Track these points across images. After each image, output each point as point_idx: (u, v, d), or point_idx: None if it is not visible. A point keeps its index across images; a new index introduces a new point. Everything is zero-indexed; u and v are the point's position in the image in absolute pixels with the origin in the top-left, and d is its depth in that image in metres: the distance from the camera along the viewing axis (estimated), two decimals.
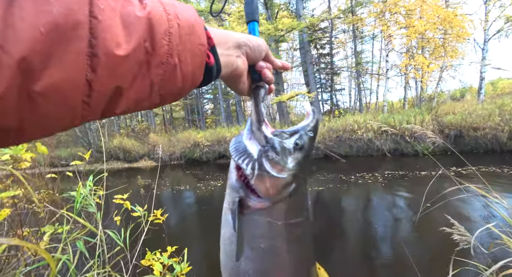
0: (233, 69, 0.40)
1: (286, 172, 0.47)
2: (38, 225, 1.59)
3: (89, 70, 0.22)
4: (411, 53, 14.21)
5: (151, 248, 1.68)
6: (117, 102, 0.26)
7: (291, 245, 0.50)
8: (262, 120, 0.49)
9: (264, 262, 0.49)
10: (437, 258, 2.88)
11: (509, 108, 8.84)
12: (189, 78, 0.32)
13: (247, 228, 0.48)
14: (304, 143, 0.49)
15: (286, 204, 0.48)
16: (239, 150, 0.48)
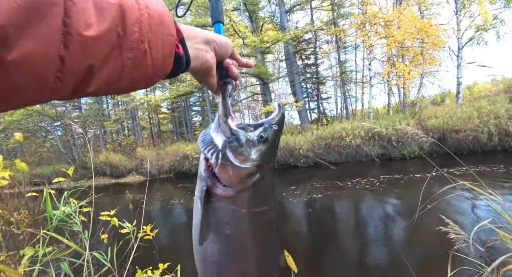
0: (202, 62, 0.43)
1: (249, 163, 0.49)
2: (17, 248, 1.48)
3: (62, 47, 0.24)
4: (392, 61, 14.79)
5: (142, 265, 1.59)
6: (89, 81, 0.28)
7: (255, 232, 0.53)
8: (229, 113, 0.51)
9: (228, 246, 0.52)
10: (433, 258, 2.89)
11: (486, 110, 9.28)
12: (159, 65, 0.34)
13: (214, 215, 0.50)
14: (268, 135, 0.51)
15: (250, 193, 0.51)
16: (205, 142, 0.51)
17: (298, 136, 11.69)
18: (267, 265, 0.57)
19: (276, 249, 0.58)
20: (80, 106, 22.63)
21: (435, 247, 3.07)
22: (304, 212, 5.30)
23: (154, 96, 15.61)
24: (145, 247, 1.81)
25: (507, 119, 8.59)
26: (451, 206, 4.37)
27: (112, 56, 0.28)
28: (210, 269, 0.54)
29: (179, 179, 12.07)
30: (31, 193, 2.01)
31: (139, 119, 22.73)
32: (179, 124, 23.34)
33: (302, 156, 10.79)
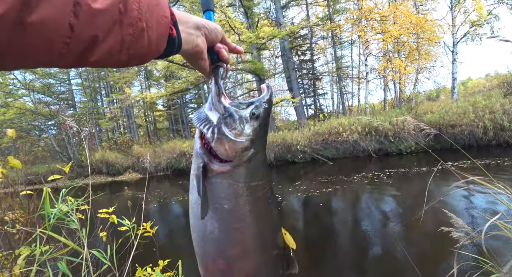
0: (194, 45, 0.46)
1: (243, 137, 0.52)
2: (13, 248, 1.44)
3: (72, 15, 0.27)
4: (388, 57, 14.81)
5: (142, 263, 1.56)
6: (92, 50, 0.30)
7: (253, 206, 0.54)
8: (221, 93, 0.54)
9: (228, 222, 0.53)
10: (434, 252, 2.91)
11: (482, 105, 9.36)
12: (154, 44, 0.36)
13: (212, 191, 0.52)
14: (260, 112, 0.54)
15: (246, 168, 0.53)
16: (200, 119, 0.54)
17: (295, 132, 11.68)
18: (267, 241, 0.57)
19: (275, 225, 0.59)
20: (74, 104, 22.33)
21: (436, 241, 3.10)
22: (301, 208, 5.31)
23: (149, 94, 15.43)
24: (145, 245, 1.78)
25: (502, 114, 8.68)
26: (454, 200, 4.41)
27: (114, 29, 0.31)
28: (211, 246, 0.54)
29: (176, 177, 12.02)
30: (26, 191, 1.97)
31: (135, 117, 22.51)
32: (175, 122, 23.17)
33: (300, 152, 10.80)
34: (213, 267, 0.55)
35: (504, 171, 5.66)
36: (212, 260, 0.55)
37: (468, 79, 43.62)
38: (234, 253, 0.54)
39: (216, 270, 0.55)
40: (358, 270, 2.86)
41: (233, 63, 14.18)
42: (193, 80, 14.07)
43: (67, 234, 1.50)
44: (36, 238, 1.27)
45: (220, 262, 0.54)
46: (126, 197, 7.99)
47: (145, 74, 21.99)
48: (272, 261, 0.58)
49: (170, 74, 19.05)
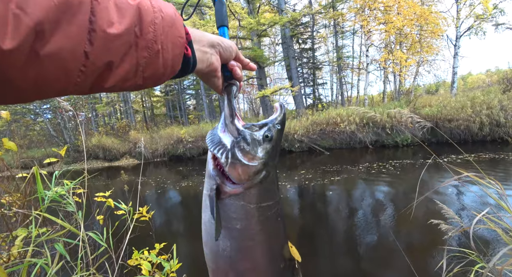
0: (208, 64, 0.46)
1: (256, 161, 0.53)
2: (10, 230, 1.45)
3: (87, 43, 0.26)
4: (389, 48, 14.63)
5: (139, 247, 1.59)
6: (107, 77, 0.30)
7: (264, 225, 0.56)
8: (235, 114, 0.54)
9: (240, 240, 0.55)
10: (424, 242, 3.00)
11: (480, 100, 9.37)
12: (169, 65, 0.36)
13: (224, 211, 0.53)
14: (273, 135, 0.55)
15: (258, 190, 0.54)
16: (214, 142, 0.54)
17: (293, 121, 11.68)
18: (275, 256, 0.60)
19: (283, 241, 0.62)
20: None
21: (427, 231, 3.18)
22: (297, 197, 5.39)
23: None
24: (142, 229, 1.81)
25: (499, 110, 8.72)
26: (446, 193, 4.49)
27: (129, 53, 0.30)
28: (223, 263, 0.56)
29: (173, 163, 12.06)
30: (21, 174, 1.96)
31: (132, 102, 22.25)
32: (172, 108, 22.98)
33: (297, 141, 10.84)
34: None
35: (497, 166, 5.76)
36: (223, 274, 0.57)
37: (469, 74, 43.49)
38: (245, 267, 0.57)
39: None
40: (351, 257, 2.94)
41: None
42: None
43: (65, 217, 1.51)
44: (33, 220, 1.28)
45: (231, 275, 0.57)
46: (123, 182, 8.03)
47: None
48: (279, 274, 0.61)
49: None
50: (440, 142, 8.98)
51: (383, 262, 2.74)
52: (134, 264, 1.48)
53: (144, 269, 1.31)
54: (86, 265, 1.17)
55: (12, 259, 1.26)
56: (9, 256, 1.29)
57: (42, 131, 20.06)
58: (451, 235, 1.29)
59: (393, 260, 2.70)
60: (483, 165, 5.74)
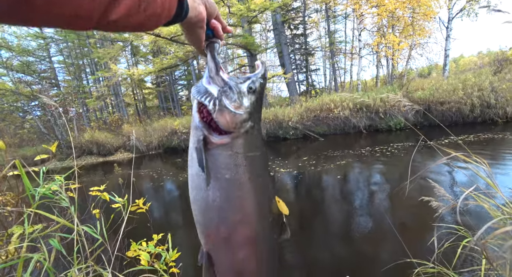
0: (197, 13, 0.47)
1: (242, 110, 0.55)
2: (5, 228, 1.45)
3: None
4: (382, 32, 14.50)
5: (138, 239, 1.60)
6: (114, 8, 0.32)
7: (252, 174, 0.58)
8: (220, 67, 0.56)
9: (229, 190, 0.57)
10: (417, 223, 3.09)
11: (471, 82, 9.44)
12: (166, 7, 0.39)
13: (212, 162, 0.55)
14: (256, 87, 0.58)
15: (245, 140, 0.56)
16: (200, 92, 0.56)
17: (287, 108, 11.66)
18: (264, 208, 0.61)
19: (270, 193, 0.63)
20: (58, 83, 21.35)
21: (419, 210, 3.28)
22: (293, 183, 5.46)
23: (137, 70, 14.86)
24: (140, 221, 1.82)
25: (490, 91, 8.81)
26: (436, 172, 4.60)
27: None
28: (213, 216, 0.58)
29: (168, 155, 12.02)
30: (12, 173, 1.93)
31: (123, 95, 21.82)
32: (165, 99, 22.65)
33: (291, 128, 10.87)
34: (215, 235, 0.58)
35: (487, 146, 5.89)
36: (214, 228, 0.58)
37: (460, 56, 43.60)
38: (235, 219, 0.58)
39: (218, 237, 0.58)
40: (346, 239, 3.03)
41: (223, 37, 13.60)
42: (182, 56, 13.56)
43: (60, 212, 1.50)
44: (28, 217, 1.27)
45: (221, 229, 0.58)
46: (118, 176, 8.00)
47: (131, 50, 20.98)
48: (268, 227, 0.62)
49: (157, 49, 18.24)
50: (432, 125, 9.10)
51: (377, 242, 2.83)
52: (133, 255, 1.50)
53: (143, 260, 1.33)
54: (85, 258, 1.18)
55: (9, 256, 1.26)
56: (7, 253, 1.29)
57: (33, 128, 19.65)
58: (441, 212, 1.33)
59: (387, 240, 2.79)
60: (473, 146, 5.86)
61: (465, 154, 1.13)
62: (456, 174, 4.54)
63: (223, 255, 0.60)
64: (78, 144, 14.02)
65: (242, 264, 0.60)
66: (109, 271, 1.00)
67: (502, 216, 1.07)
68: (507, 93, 8.63)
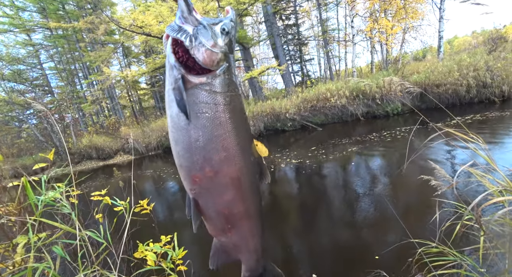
0: None
1: (218, 49, 0.56)
2: (10, 238, 1.45)
3: None
4: (374, 17, 14.33)
5: (144, 240, 1.61)
6: None
7: (231, 113, 0.58)
8: (192, 8, 0.56)
9: (211, 129, 0.57)
10: (418, 205, 3.12)
11: (466, 63, 9.39)
12: None
13: (192, 100, 0.55)
14: (229, 29, 0.58)
15: (222, 79, 0.57)
16: (175, 29, 0.55)
17: (283, 100, 11.61)
18: (246, 147, 0.61)
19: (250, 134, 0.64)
20: (51, 90, 21.14)
21: (420, 195, 3.30)
22: (294, 173, 5.48)
23: (130, 72, 14.71)
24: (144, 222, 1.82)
25: (485, 71, 8.78)
26: (436, 154, 4.62)
27: None
28: (197, 154, 0.57)
29: (168, 155, 12.01)
30: (12, 183, 1.93)
31: (118, 98, 21.65)
32: (161, 99, 22.49)
33: (289, 120, 10.85)
34: (201, 176, 0.59)
35: (485, 125, 5.91)
36: (199, 168, 0.58)
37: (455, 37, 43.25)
38: (219, 158, 0.58)
39: (204, 178, 0.59)
40: (348, 226, 3.06)
41: None
42: None
43: (62, 219, 1.51)
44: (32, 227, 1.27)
45: (207, 170, 0.58)
46: (119, 179, 8.01)
47: (123, 52, 20.73)
48: (251, 166, 0.63)
49: (149, 49, 18.04)
50: (429, 108, 9.10)
51: (380, 225, 2.86)
52: (140, 256, 1.51)
53: (149, 260, 1.34)
54: (91, 263, 1.19)
55: (17, 266, 1.27)
56: (14, 263, 1.30)
57: (30, 137, 19.54)
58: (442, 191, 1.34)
59: (390, 223, 2.82)
60: (472, 126, 5.88)
61: (462, 131, 1.13)
62: (456, 154, 4.56)
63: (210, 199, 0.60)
64: (77, 150, 14.00)
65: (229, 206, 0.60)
66: (115, 274, 1.01)
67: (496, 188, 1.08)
68: (503, 72, 8.60)
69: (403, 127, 7.53)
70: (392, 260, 2.18)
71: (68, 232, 1.30)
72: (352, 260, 2.43)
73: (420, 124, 6.74)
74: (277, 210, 3.95)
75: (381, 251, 2.28)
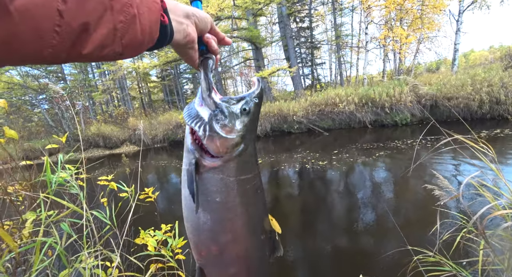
0: (185, 35, 0.44)
1: (234, 133, 0.53)
2: (20, 214, 1.51)
3: (60, 1, 0.25)
4: (390, 25, 14.22)
5: (144, 227, 1.66)
6: (84, 41, 0.29)
7: (243, 198, 0.57)
8: (212, 87, 0.54)
9: (220, 213, 0.56)
10: (420, 216, 3.10)
11: (480, 78, 9.23)
12: (147, 32, 0.35)
13: (204, 185, 0.54)
14: (250, 108, 0.55)
15: (236, 163, 0.55)
16: (191, 115, 0.54)
17: (291, 102, 11.61)
18: (255, 228, 0.61)
19: (263, 212, 0.63)
20: (64, 77, 21.55)
21: (422, 205, 3.28)
22: (297, 177, 5.49)
23: (142, 64, 14.90)
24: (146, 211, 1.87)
25: (499, 87, 8.61)
26: (442, 167, 4.58)
27: (105, 16, 0.29)
28: (204, 237, 0.58)
29: (173, 148, 12.14)
30: (24, 162, 2.00)
31: (129, 89, 21.97)
32: (170, 93, 22.73)
33: (296, 122, 10.85)
34: (206, 253, 0.59)
35: (494, 143, 5.81)
36: (205, 246, 0.59)
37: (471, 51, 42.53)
38: (226, 239, 0.58)
39: (209, 255, 0.59)
40: (349, 233, 3.06)
41: (228, 30, 13.53)
42: None
43: (70, 200, 1.56)
44: (40, 204, 1.33)
45: (213, 248, 0.58)
46: (125, 166, 8.14)
47: None
48: (260, 244, 0.63)
49: None
50: (439, 120, 8.98)
51: (380, 234, 2.85)
52: (141, 242, 1.55)
53: (150, 246, 1.38)
54: (94, 243, 1.23)
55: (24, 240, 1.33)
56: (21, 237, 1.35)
57: (41, 122, 19.96)
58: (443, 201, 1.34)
59: (390, 232, 2.81)
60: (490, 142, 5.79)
61: (470, 138, 1.13)
62: (463, 168, 4.51)
63: (215, 271, 0.61)
64: (85, 137, 14.25)
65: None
66: (117, 254, 1.05)
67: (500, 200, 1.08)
68: None
69: (410, 138, 7.46)
70: (388, 266, 2.18)
71: (74, 212, 1.35)
72: (349, 265, 2.43)
73: (429, 135, 6.67)
74: (276, 211, 3.97)
75: (378, 257, 2.28)
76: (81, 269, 1.06)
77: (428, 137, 6.58)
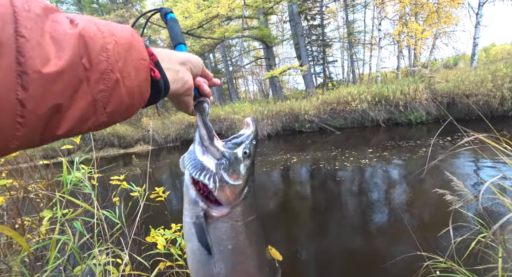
0: (184, 83, 0.43)
1: (241, 179, 0.53)
2: (38, 213, 1.59)
3: (19, 89, 0.21)
4: (404, 20, 13.80)
5: (155, 226, 1.70)
6: (58, 122, 0.25)
7: (252, 239, 0.57)
8: (213, 135, 0.53)
9: (233, 259, 0.56)
10: (434, 219, 3.01)
11: (502, 73, 8.80)
12: (136, 93, 0.32)
13: (214, 235, 0.53)
14: (250, 151, 0.56)
15: (243, 206, 0.55)
16: (197, 167, 0.52)
17: (303, 101, 11.52)
18: (263, 263, 0.62)
19: (266, 246, 0.64)
20: None
21: (436, 208, 3.18)
22: (308, 177, 5.45)
23: None
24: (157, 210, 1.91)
25: None
26: (460, 169, 4.42)
27: (80, 90, 0.26)
28: None
29: (185, 148, 12.09)
30: (42, 161, 2.09)
31: None
32: None
33: (307, 121, 10.75)
34: None
35: None
36: None
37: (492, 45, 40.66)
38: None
39: None
40: (361, 234, 3.01)
41: (239, 29, 13.56)
42: (198, 49, 13.68)
43: (83, 199, 1.62)
44: (57, 202, 1.39)
45: None
46: (138, 166, 8.35)
47: (148, 43, 21.42)
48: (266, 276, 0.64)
49: None
50: (457, 118, 8.63)
51: (392, 237, 2.79)
52: (151, 241, 1.59)
53: (159, 244, 1.41)
54: (105, 240, 1.28)
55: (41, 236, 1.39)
56: (39, 234, 1.42)
57: None
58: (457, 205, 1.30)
59: (402, 234, 2.74)
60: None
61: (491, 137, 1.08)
62: (482, 170, 4.33)
63: None
64: (100, 137, 14.70)
65: None
66: (126, 253, 1.08)
67: None
68: None
69: (426, 137, 7.23)
70: (399, 270, 2.13)
71: (87, 211, 1.40)
72: (359, 266, 2.40)
73: (445, 134, 6.44)
74: (288, 211, 3.96)
75: (390, 261, 2.23)
76: (92, 265, 1.10)
77: (444, 136, 6.36)
